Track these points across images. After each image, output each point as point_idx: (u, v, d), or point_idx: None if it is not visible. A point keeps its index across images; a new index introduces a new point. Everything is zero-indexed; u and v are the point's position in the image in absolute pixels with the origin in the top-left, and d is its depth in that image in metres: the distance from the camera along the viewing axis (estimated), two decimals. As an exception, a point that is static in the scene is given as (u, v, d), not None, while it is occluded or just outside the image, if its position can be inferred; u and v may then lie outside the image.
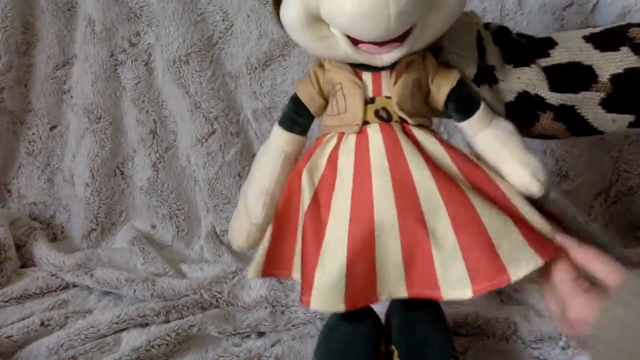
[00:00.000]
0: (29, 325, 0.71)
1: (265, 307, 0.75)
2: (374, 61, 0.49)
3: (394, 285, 0.50)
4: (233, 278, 0.81)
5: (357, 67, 0.52)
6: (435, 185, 0.49)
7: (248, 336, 0.70)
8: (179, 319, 0.73)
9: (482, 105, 0.53)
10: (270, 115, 0.93)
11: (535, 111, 0.56)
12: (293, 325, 0.72)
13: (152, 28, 0.93)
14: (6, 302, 0.79)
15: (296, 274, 0.54)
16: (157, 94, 0.95)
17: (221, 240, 0.95)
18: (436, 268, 0.48)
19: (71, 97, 0.97)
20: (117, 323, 0.71)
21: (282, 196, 0.55)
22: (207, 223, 0.95)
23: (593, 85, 0.55)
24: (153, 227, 0.97)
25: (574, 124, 0.57)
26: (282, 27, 0.51)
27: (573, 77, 0.56)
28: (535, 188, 0.51)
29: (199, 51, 0.92)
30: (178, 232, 0.96)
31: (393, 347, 0.57)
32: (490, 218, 0.49)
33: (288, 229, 0.54)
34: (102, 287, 0.81)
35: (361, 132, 0.52)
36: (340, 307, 0.48)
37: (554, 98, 0.55)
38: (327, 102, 0.55)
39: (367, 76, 0.52)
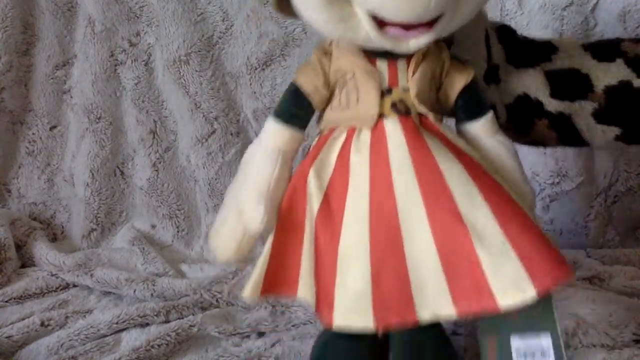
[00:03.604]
0: (29, 325, 0.71)
1: (265, 307, 0.75)
2: (399, 47, 0.43)
3: (436, 300, 0.43)
4: (233, 278, 0.81)
5: (371, 54, 0.46)
6: (467, 175, 0.44)
7: (248, 336, 0.70)
8: (179, 319, 0.72)
9: (491, 113, 0.50)
10: (271, 115, 0.93)
11: (532, 117, 0.55)
12: (293, 325, 0.72)
13: (152, 28, 0.93)
14: (6, 302, 0.79)
15: (302, 291, 0.47)
16: (157, 94, 0.95)
17: (221, 240, 0.94)
18: (485, 270, 0.42)
19: (71, 97, 0.97)
20: (117, 323, 0.71)
21: (284, 201, 0.48)
22: (207, 223, 0.95)
23: (589, 95, 0.54)
24: (153, 227, 0.97)
25: (566, 133, 0.56)
26: (287, 13, 0.47)
27: (572, 84, 0.55)
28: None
29: (199, 51, 0.92)
30: (178, 232, 0.96)
31: None
32: (521, 202, 0.45)
33: (293, 238, 0.48)
34: (102, 287, 0.81)
35: (377, 126, 0.46)
36: (369, 324, 0.42)
37: (553, 105, 0.55)
38: (331, 94, 0.49)
39: (382, 64, 0.46)
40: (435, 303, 0.43)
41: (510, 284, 0.42)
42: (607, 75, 0.55)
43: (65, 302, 0.79)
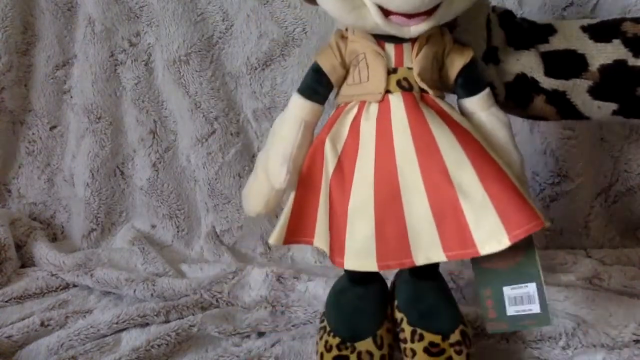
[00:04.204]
0: (29, 325, 0.71)
1: (265, 307, 0.75)
2: (402, 33, 0.50)
3: (429, 247, 0.50)
4: (233, 278, 0.81)
5: (381, 38, 0.53)
6: (457, 141, 0.51)
7: (248, 336, 0.70)
8: (179, 319, 0.72)
9: (488, 89, 0.56)
10: (270, 115, 0.93)
11: (530, 93, 0.60)
12: (293, 325, 0.72)
13: (152, 28, 0.93)
14: (6, 302, 0.79)
15: (317, 242, 0.56)
16: (157, 94, 0.95)
17: (221, 240, 0.95)
18: (468, 222, 0.49)
19: (71, 97, 0.97)
20: (117, 323, 0.71)
21: (305, 164, 0.56)
22: (207, 223, 0.95)
23: (583, 74, 0.59)
24: (153, 227, 0.97)
25: (564, 108, 0.60)
26: (310, 2, 0.54)
27: (567, 64, 0.59)
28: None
29: (199, 51, 0.92)
30: (178, 232, 0.96)
31: (402, 314, 0.59)
32: (508, 169, 0.52)
33: (311, 196, 0.56)
34: (102, 287, 0.81)
35: (383, 100, 0.53)
36: (373, 266, 0.50)
37: (548, 83, 0.59)
38: (347, 72, 0.56)
39: (389, 47, 0.54)
40: (428, 249, 0.51)
41: (489, 235, 0.49)
42: (602, 54, 0.58)
43: (65, 302, 0.79)
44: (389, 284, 0.63)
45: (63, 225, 0.98)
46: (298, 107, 0.56)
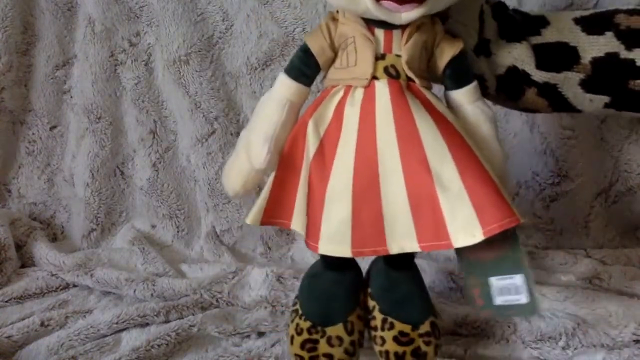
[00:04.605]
0: (29, 325, 0.71)
1: (265, 307, 0.75)
2: (393, 19, 0.51)
3: (404, 236, 0.51)
4: (233, 278, 0.81)
5: (371, 23, 0.53)
6: (439, 133, 0.51)
7: (248, 336, 0.70)
8: (179, 319, 0.72)
9: (475, 82, 0.56)
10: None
11: (522, 85, 0.60)
12: (293, 325, 0.72)
13: (152, 28, 0.93)
14: (6, 302, 0.79)
15: (295, 225, 0.55)
16: (157, 94, 0.95)
17: (221, 240, 0.95)
18: (444, 213, 0.49)
19: (71, 97, 0.97)
20: (117, 323, 0.71)
21: (286, 145, 0.56)
22: (207, 223, 0.95)
23: (575, 66, 0.59)
24: (153, 227, 0.97)
25: (555, 100, 0.60)
26: None
27: (558, 57, 0.59)
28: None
29: (199, 51, 0.92)
30: (178, 232, 0.96)
31: (374, 302, 0.59)
32: (489, 164, 0.52)
33: (291, 177, 0.55)
34: (102, 287, 0.81)
35: (369, 86, 0.53)
36: (347, 252, 0.50)
37: (539, 75, 0.59)
38: (335, 55, 0.56)
39: (379, 33, 0.53)
40: (402, 239, 0.51)
41: (463, 228, 0.49)
42: (594, 47, 0.58)
43: (65, 302, 0.79)
44: (364, 272, 0.63)
45: (63, 225, 0.98)
46: (284, 87, 0.56)
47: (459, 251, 0.54)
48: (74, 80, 0.96)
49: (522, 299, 0.53)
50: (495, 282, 0.53)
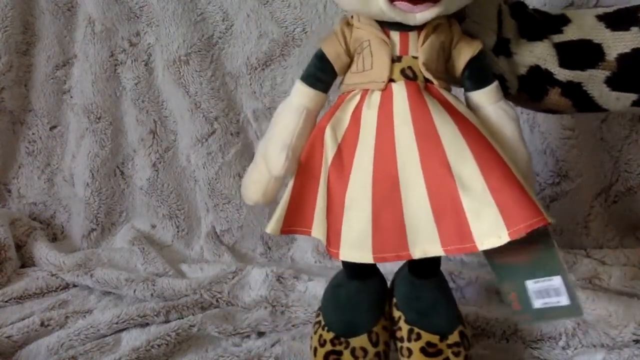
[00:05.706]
0: (29, 325, 0.71)
1: (265, 307, 0.75)
2: (407, 19, 0.50)
3: (426, 240, 0.49)
4: (233, 278, 0.81)
5: (386, 26, 0.52)
6: (459, 133, 0.50)
7: (248, 336, 0.70)
8: (179, 319, 0.73)
9: (496, 82, 0.55)
10: (271, 115, 0.92)
11: (545, 85, 0.58)
12: (293, 325, 0.72)
13: (152, 28, 0.93)
14: (6, 302, 0.79)
15: (315, 232, 0.54)
16: (157, 94, 0.95)
17: (221, 240, 0.95)
18: (467, 215, 0.48)
19: (71, 97, 0.97)
20: (117, 323, 0.71)
21: (304, 152, 0.55)
22: (207, 223, 0.95)
23: (600, 64, 0.57)
24: (153, 227, 0.97)
25: (580, 100, 0.58)
26: None
27: (582, 54, 0.57)
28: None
29: (199, 51, 0.92)
30: (178, 232, 0.96)
31: (399, 312, 0.58)
32: (514, 165, 0.50)
33: (310, 184, 0.54)
34: (102, 287, 0.81)
35: (386, 89, 0.52)
36: (368, 258, 0.49)
37: (562, 74, 0.57)
38: (351, 61, 0.55)
39: (395, 35, 0.52)
40: (425, 243, 0.49)
41: (488, 230, 0.47)
42: (620, 43, 0.56)
43: (65, 302, 0.79)
44: (389, 283, 0.62)
45: (63, 225, 0.98)
46: (300, 95, 0.55)
47: (489, 257, 0.52)
48: (74, 80, 0.96)
49: (563, 300, 0.51)
50: (532, 285, 0.51)
